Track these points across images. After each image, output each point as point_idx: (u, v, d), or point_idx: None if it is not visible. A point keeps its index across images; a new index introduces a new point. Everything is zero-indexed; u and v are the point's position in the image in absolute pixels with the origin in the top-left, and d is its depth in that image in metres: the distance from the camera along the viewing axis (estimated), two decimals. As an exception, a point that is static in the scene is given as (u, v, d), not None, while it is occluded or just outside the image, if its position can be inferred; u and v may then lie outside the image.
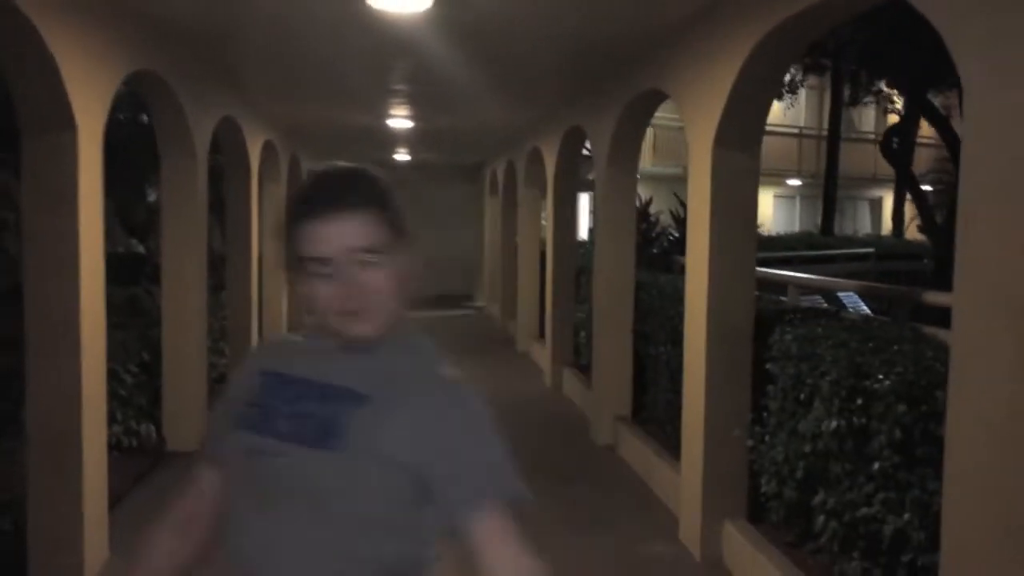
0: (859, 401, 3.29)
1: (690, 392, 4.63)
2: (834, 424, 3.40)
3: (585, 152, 8.65)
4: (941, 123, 12.06)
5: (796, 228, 23.35)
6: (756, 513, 4.39)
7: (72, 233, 3.95)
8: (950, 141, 11.62)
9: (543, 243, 9.83)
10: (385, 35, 4.98)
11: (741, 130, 4.22)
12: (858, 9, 3.55)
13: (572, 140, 8.09)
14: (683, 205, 11.37)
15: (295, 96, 7.77)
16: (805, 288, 7.37)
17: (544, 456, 6.26)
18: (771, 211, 24.91)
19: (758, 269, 5.61)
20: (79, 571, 4.05)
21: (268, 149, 9.55)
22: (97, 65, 4.19)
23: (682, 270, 5.31)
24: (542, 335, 9.85)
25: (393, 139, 11.58)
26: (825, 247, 14.08)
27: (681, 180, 6.13)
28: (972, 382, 2.39)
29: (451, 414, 1.31)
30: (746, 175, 4.31)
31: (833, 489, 3.48)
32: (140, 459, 5.68)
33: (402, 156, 14.68)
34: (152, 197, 9.74)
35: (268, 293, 10.16)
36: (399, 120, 9.41)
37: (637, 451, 5.98)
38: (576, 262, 8.78)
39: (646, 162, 18.71)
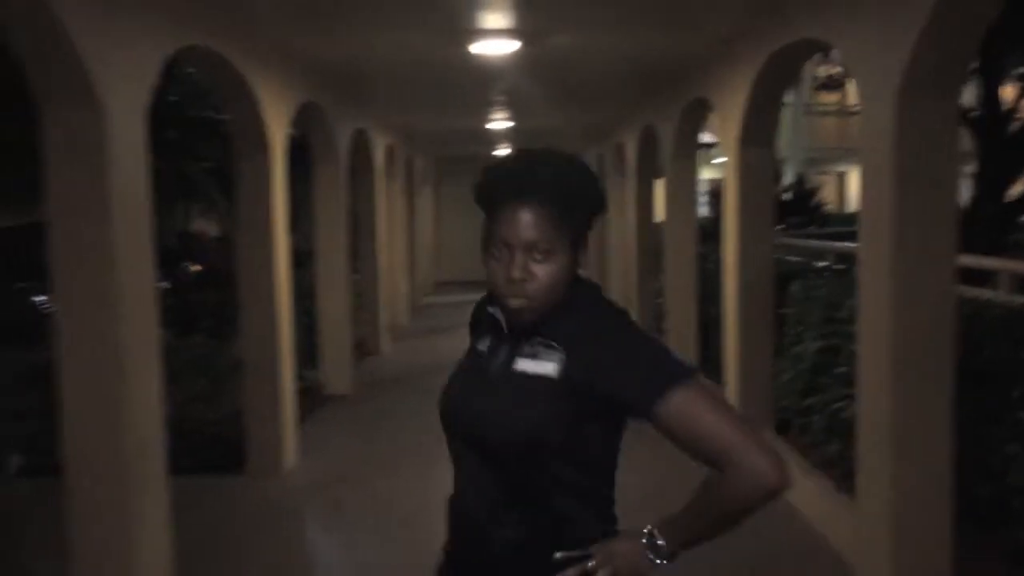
0: (831, 327, 4.57)
1: (728, 336, 5.94)
2: (817, 345, 4.69)
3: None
4: None
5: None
6: (782, 427, 5.66)
7: (269, 223, 5.57)
8: None
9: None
10: (485, 69, 6.48)
11: (757, 131, 5.50)
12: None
13: (647, 136, 9.38)
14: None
15: (414, 109, 9.36)
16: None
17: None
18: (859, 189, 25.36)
19: (808, 241, 6.84)
20: (280, 467, 5.68)
21: (388, 152, 11.19)
22: (282, 101, 5.80)
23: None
24: (630, 309, 11.17)
25: (494, 137, 13.12)
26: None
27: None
28: (869, 307, 3.69)
29: None
30: (763, 166, 5.60)
31: (818, 394, 4.76)
32: (306, 398, 7.34)
33: (502, 151, 16.22)
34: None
35: (388, 274, 11.82)
36: (498, 123, 10.92)
37: (699, 392, 7.28)
38: (654, 240, 10.06)
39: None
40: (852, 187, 25.17)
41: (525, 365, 1.53)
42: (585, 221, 1.58)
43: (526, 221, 1.49)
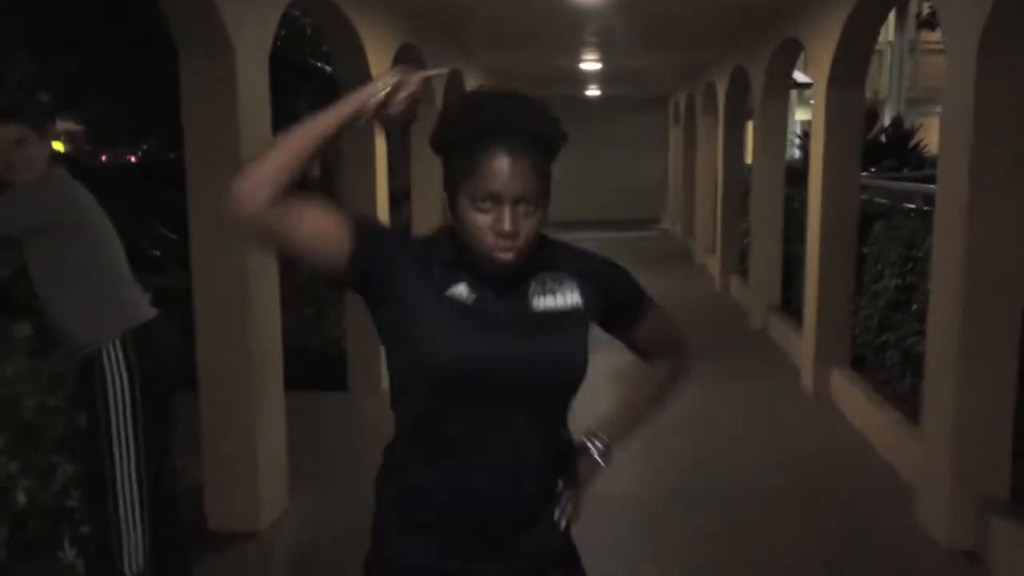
0: (909, 265, 4.69)
1: (809, 275, 6.08)
2: (894, 282, 4.82)
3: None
4: None
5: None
6: (858, 363, 5.82)
7: (372, 161, 5.93)
8: None
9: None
10: (579, 10, 6.65)
11: (847, 72, 5.55)
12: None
13: (738, 77, 9.38)
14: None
15: (507, 49, 9.57)
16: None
17: (711, 338, 7.87)
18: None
19: (894, 183, 6.87)
20: (378, 386, 6.13)
21: (481, 92, 11.43)
22: (384, 45, 6.10)
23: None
24: (715, 250, 11.27)
25: (585, 77, 13.20)
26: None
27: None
28: (944, 250, 3.82)
29: None
30: (852, 107, 5.66)
31: (894, 330, 4.91)
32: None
33: (592, 92, 16.25)
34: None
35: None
36: (590, 63, 11.03)
37: (781, 330, 7.45)
38: (742, 183, 10.10)
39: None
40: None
41: (550, 302, 1.52)
42: (550, 166, 1.50)
43: (516, 171, 1.41)
